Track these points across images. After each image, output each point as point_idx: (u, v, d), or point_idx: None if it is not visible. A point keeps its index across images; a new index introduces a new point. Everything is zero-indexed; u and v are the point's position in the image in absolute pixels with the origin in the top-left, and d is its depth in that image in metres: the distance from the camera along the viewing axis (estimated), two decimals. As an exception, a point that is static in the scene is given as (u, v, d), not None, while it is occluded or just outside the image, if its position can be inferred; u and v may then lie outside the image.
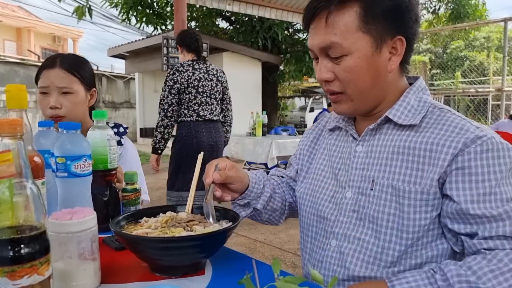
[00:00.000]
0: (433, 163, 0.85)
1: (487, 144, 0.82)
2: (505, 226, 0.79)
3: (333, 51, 0.87)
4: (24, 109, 0.81)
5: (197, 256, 0.81)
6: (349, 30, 0.85)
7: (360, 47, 0.86)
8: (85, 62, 1.50)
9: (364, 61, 0.87)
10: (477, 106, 11.96)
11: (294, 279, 0.57)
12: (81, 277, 0.73)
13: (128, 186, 1.11)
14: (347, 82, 0.89)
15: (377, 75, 0.90)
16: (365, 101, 0.93)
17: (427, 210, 0.85)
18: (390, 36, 0.87)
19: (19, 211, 0.58)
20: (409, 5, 0.87)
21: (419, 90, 0.96)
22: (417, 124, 0.90)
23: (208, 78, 3.15)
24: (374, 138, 0.96)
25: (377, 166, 0.92)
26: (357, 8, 0.85)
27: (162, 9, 11.88)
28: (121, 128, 1.59)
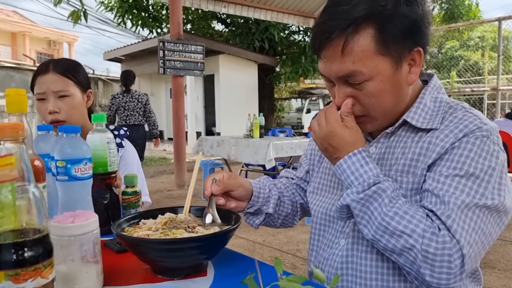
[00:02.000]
0: (429, 154, 0.85)
1: (476, 139, 0.82)
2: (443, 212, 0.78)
3: (352, 79, 0.84)
4: (24, 113, 0.81)
5: (199, 257, 0.81)
6: (367, 56, 0.81)
7: (381, 70, 0.83)
8: (78, 64, 1.50)
9: (387, 84, 0.84)
10: (473, 106, 12.00)
11: (297, 278, 0.58)
12: (84, 279, 0.73)
13: (128, 189, 1.11)
14: (371, 105, 0.87)
15: (399, 92, 0.87)
16: (389, 117, 0.91)
17: (417, 200, 0.86)
18: (408, 50, 0.84)
19: (22, 215, 0.58)
20: (423, 15, 0.83)
21: (434, 89, 0.94)
22: (438, 128, 0.88)
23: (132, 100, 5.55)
24: (389, 140, 0.94)
25: (388, 166, 0.92)
26: (373, 30, 0.80)
27: (157, 12, 11.89)
28: (121, 130, 1.60)
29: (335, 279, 0.60)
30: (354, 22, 0.79)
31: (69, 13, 6.72)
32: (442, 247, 0.75)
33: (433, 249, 0.75)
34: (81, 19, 6.79)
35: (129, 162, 1.54)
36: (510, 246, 3.47)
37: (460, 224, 0.77)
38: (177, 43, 6.17)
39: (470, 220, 0.78)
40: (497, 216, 0.81)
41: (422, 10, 0.83)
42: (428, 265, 0.75)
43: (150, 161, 9.61)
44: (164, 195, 5.95)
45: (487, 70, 12.40)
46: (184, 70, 6.32)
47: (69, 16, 6.68)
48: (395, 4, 0.81)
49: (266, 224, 1.11)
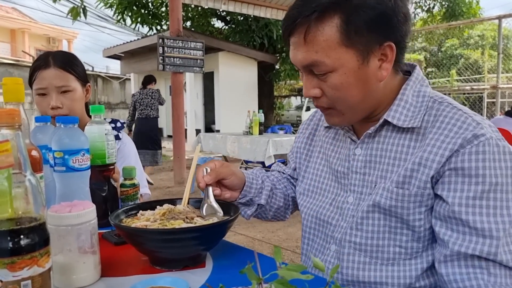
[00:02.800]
0: (429, 165, 0.81)
1: (483, 146, 0.77)
2: (484, 245, 0.75)
3: (316, 69, 0.82)
4: (21, 103, 0.80)
5: (198, 248, 0.80)
6: (330, 46, 0.79)
7: (344, 62, 0.80)
8: (76, 57, 1.50)
9: (351, 77, 0.81)
10: (473, 104, 12.01)
11: (296, 267, 0.57)
12: (81, 270, 0.73)
13: (127, 181, 1.10)
14: (336, 98, 0.84)
15: (367, 87, 0.84)
16: (357, 113, 0.88)
17: (420, 211, 0.83)
18: (377, 44, 0.81)
19: (18, 203, 0.58)
20: (395, 8, 0.79)
21: (416, 82, 0.90)
22: (418, 126, 0.85)
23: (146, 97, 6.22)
24: (374, 141, 0.91)
25: (378, 171, 0.89)
26: (338, 20, 0.78)
27: (157, 9, 11.86)
28: (118, 123, 1.59)
29: (334, 269, 0.59)
30: (319, 10, 0.77)
31: (68, 10, 6.70)
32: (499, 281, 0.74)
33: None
34: (80, 15, 6.77)
35: (126, 154, 1.54)
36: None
37: (505, 248, 0.75)
38: (176, 40, 6.15)
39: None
40: None
41: (394, 3, 0.79)
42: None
43: (149, 158, 9.59)
44: (164, 192, 5.94)
45: (487, 69, 12.39)
46: (183, 67, 6.31)
47: (68, 13, 6.66)
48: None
49: (257, 216, 1.09)
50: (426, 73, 16.00)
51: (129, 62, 12.88)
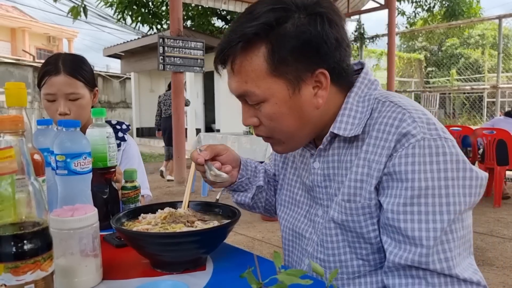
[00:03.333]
0: (371, 174, 0.79)
1: (413, 148, 0.74)
2: (415, 254, 0.72)
3: (248, 99, 0.81)
4: (23, 107, 0.81)
5: (198, 251, 0.81)
6: (259, 76, 0.77)
7: (275, 92, 0.78)
8: (85, 61, 1.50)
9: (283, 106, 0.79)
10: (473, 103, 12.01)
11: (296, 272, 0.58)
12: (83, 273, 0.74)
13: (128, 184, 1.11)
14: (272, 128, 0.83)
15: (303, 116, 0.81)
16: (298, 140, 0.86)
17: (373, 223, 0.81)
18: (309, 72, 0.78)
19: (21, 208, 0.58)
20: (323, 35, 0.76)
21: (361, 88, 0.85)
22: (360, 133, 0.82)
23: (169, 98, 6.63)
24: (328, 154, 0.88)
25: (336, 183, 0.87)
26: (264, 50, 0.76)
27: (157, 8, 11.85)
28: (123, 125, 1.61)
29: (333, 273, 0.60)
30: (244, 40, 0.76)
31: (68, 9, 6.71)
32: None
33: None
34: (80, 15, 6.78)
35: (131, 156, 1.56)
36: (508, 244, 3.48)
37: (440, 255, 0.72)
38: (177, 40, 6.15)
39: (451, 242, 0.73)
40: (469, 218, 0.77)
41: (322, 31, 0.76)
42: None
43: (149, 157, 9.62)
44: (164, 191, 5.95)
45: (487, 68, 12.39)
46: (183, 67, 6.32)
47: (69, 12, 6.67)
48: (287, 23, 0.75)
49: (255, 203, 1.07)
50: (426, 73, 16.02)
51: (129, 61, 12.88)
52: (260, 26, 0.75)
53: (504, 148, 4.63)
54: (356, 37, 11.55)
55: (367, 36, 11.48)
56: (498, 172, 4.67)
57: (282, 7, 0.76)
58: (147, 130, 14.29)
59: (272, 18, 0.75)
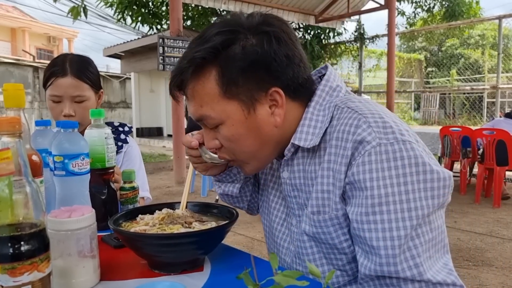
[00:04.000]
0: (336, 184, 0.78)
1: (369, 155, 0.72)
2: (383, 265, 0.71)
3: (206, 122, 0.81)
4: (21, 108, 0.81)
5: (196, 252, 0.81)
6: (213, 99, 0.77)
7: (230, 114, 0.78)
8: (91, 63, 1.50)
9: (240, 128, 0.79)
10: (472, 104, 12.01)
11: (292, 273, 0.58)
12: (81, 274, 0.74)
13: (126, 185, 1.11)
14: (232, 149, 0.82)
15: (262, 135, 0.80)
16: (262, 159, 0.85)
17: (344, 233, 0.80)
18: (262, 91, 0.77)
19: (18, 209, 0.59)
20: (271, 53, 0.75)
21: (322, 96, 0.84)
22: (317, 143, 0.80)
23: None
24: (293, 163, 0.87)
25: (304, 193, 0.86)
26: (214, 73, 0.76)
27: (157, 9, 11.86)
28: (126, 127, 1.62)
29: (330, 274, 0.60)
30: (194, 64, 0.76)
31: (68, 9, 6.71)
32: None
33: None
34: (80, 15, 6.78)
35: (132, 157, 1.57)
36: (508, 244, 3.48)
37: (409, 262, 0.70)
38: (176, 40, 6.16)
39: (419, 247, 0.71)
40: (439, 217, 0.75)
41: (269, 49, 0.75)
42: None
43: (149, 157, 9.62)
44: (163, 191, 5.96)
45: (487, 68, 12.40)
46: (183, 67, 6.32)
47: (69, 12, 6.67)
48: (234, 45, 0.75)
49: (240, 198, 1.06)
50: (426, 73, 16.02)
51: (130, 61, 12.88)
52: (208, 50, 0.75)
53: (503, 148, 4.63)
54: (356, 38, 11.55)
55: (367, 37, 11.48)
56: (497, 173, 4.67)
57: (229, 29, 0.76)
58: (147, 130, 14.29)
59: (218, 41, 0.75)
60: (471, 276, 2.82)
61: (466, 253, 3.27)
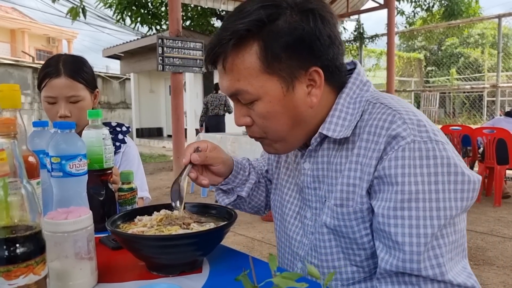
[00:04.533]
0: (363, 177, 0.78)
1: (403, 151, 0.72)
2: (405, 262, 0.71)
3: (241, 97, 0.79)
4: (18, 109, 0.81)
5: (194, 254, 0.80)
6: (252, 74, 0.76)
7: (268, 90, 0.77)
8: (85, 62, 1.49)
9: (277, 105, 0.78)
10: (472, 103, 12.01)
11: (291, 275, 0.57)
12: (78, 276, 0.73)
13: (124, 186, 1.10)
14: (265, 127, 0.81)
15: (297, 115, 0.80)
16: (291, 141, 0.85)
17: (366, 227, 0.80)
18: (302, 70, 0.77)
19: (14, 211, 0.58)
20: (316, 32, 0.75)
21: (353, 89, 0.84)
22: (349, 135, 0.80)
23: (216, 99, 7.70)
24: (318, 154, 0.87)
25: (326, 185, 0.85)
26: (256, 47, 0.75)
27: (156, 9, 11.85)
28: (123, 127, 1.60)
29: (330, 276, 0.60)
30: (235, 37, 0.74)
31: (67, 10, 6.71)
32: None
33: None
34: (79, 15, 6.78)
35: (131, 158, 1.56)
36: (509, 243, 3.47)
37: (432, 261, 0.70)
38: (176, 40, 6.14)
39: (443, 247, 0.71)
40: (463, 221, 0.76)
41: (314, 27, 0.75)
42: None
43: (149, 158, 9.61)
44: (163, 192, 5.95)
45: (486, 67, 12.39)
46: (183, 67, 6.30)
47: (68, 13, 6.66)
48: (279, 20, 0.74)
49: (235, 206, 1.06)
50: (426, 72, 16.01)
51: (129, 62, 12.88)
52: (253, 23, 0.74)
53: (504, 147, 4.62)
54: (355, 37, 11.54)
55: (366, 36, 11.48)
56: (498, 171, 4.66)
57: (273, 4, 0.75)
58: (147, 131, 14.29)
59: (263, 15, 0.74)
60: (472, 276, 2.81)
61: (467, 252, 3.26)
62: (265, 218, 4.25)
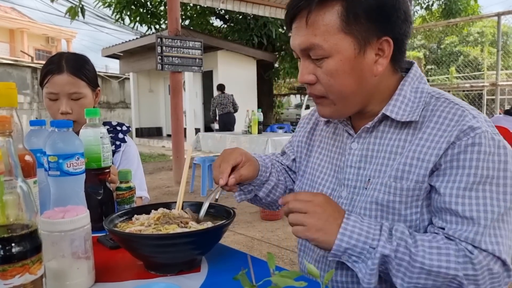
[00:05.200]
0: (427, 158, 0.81)
1: (480, 138, 0.78)
2: (470, 232, 0.76)
3: (313, 53, 0.83)
4: (14, 107, 0.80)
5: (193, 253, 0.80)
6: (330, 31, 0.80)
7: (341, 49, 0.81)
8: (88, 61, 1.49)
9: (346, 65, 0.82)
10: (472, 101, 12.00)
11: (290, 274, 0.57)
12: (75, 276, 0.72)
13: (122, 184, 1.10)
14: (329, 86, 0.84)
15: (361, 79, 0.84)
16: (348, 105, 0.88)
17: (417, 205, 0.84)
18: (375, 37, 0.82)
19: (9, 210, 0.57)
20: (396, 3, 0.81)
21: (414, 79, 0.90)
22: (417, 120, 0.85)
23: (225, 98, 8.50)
24: (371, 135, 0.91)
25: (374, 165, 0.89)
26: (339, 7, 0.79)
27: (155, 8, 11.84)
28: (124, 127, 1.60)
29: (329, 274, 0.59)
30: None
31: (66, 9, 6.69)
32: (480, 267, 0.74)
33: (472, 270, 0.74)
34: (78, 15, 6.77)
35: (130, 157, 1.56)
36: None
37: (492, 238, 0.76)
38: (175, 39, 6.14)
39: (503, 235, 0.77)
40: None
41: (396, 0, 0.81)
42: (473, 285, 0.75)
43: (149, 157, 9.61)
44: (163, 191, 5.94)
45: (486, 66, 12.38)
46: (182, 66, 6.30)
47: (66, 12, 6.65)
48: None
49: (249, 201, 1.09)
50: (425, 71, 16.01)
51: (128, 61, 12.86)
52: None
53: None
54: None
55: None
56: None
57: None
58: (147, 130, 14.28)
59: None
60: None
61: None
62: (264, 217, 4.24)
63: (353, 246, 0.76)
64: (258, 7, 7.94)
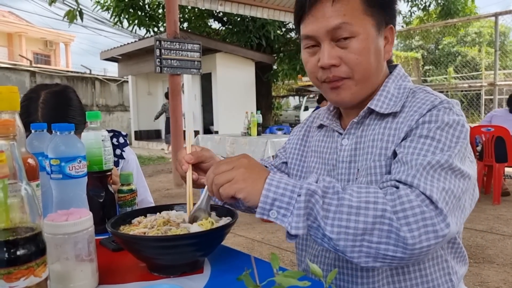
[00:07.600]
0: (401, 135, 0.86)
1: (445, 108, 0.84)
2: (402, 173, 0.77)
3: (341, 32, 0.87)
4: (16, 111, 0.80)
5: (195, 254, 0.80)
6: (354, 12, 0.87)
7: (366, 28, 0.88)
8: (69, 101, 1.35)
9: (370, 43, 0.88)
10: (470, 101, 12.03)
11: (293, 274, 0.57)
12: (79, 278, 0.73)
13: (124, 187, 1.10)
14: (356, 65, 0.88)
15: (379, 59, 0.92)
16: (366, 88, 0.93)
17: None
18: (384, 24, 0.91)
19: (14, 213, 0.57)
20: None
21: (398, 78, 0.97)
22: (398, 111, 0.91)
23: None
24: (359, 130, 0.96)
25: (362, 156, 0.93)
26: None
27: (154, 11, 11.85)
28: (121, 138, 1.52)
29: (332, 274, 0.59)
30: None
31: (64, 13, 6.69)
32: (408, 201, 0.71)
33: (400, 205, 0.71)
34: (76, 18, 6.76)
35: (130, 168, 1.52)
36: (508, 241, 3.47)
37: (426, 182, 0.74)
38: (173, 42, 6.14)
39: (436, 180, 0.75)
40: (463, 181, 0.78)
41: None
42: (405, 225, 0.70)
43: (148, 160, 9.60)
44: (163, 194, 5.94)
45: (484, 66, 12.41)
46: (181, 69, 6.30)
47: (65, 16, 6.65)
48: None
49: (231, 206, 1.06)
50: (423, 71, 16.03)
51: (127, 64, 12.86)
52: None
53: (502, 145, 4.63)
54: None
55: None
56: (497, 169, 4.67)
57: None
58: (145, 133, 14.28)
59: None
60: (473, 274, 2.81)
61: (467, 250, 3.26)
62: (264, 219, 4.24)
63: (281, 195, 0.73)
64: (256, 9, 7.95)
